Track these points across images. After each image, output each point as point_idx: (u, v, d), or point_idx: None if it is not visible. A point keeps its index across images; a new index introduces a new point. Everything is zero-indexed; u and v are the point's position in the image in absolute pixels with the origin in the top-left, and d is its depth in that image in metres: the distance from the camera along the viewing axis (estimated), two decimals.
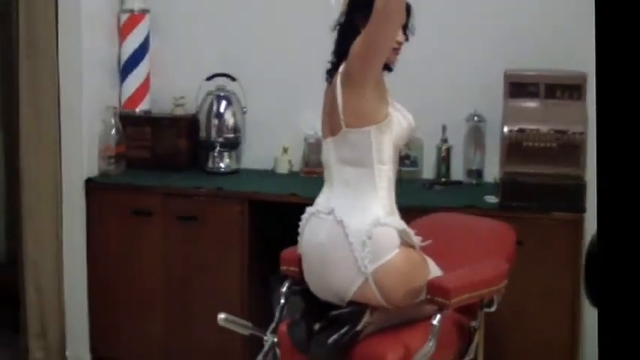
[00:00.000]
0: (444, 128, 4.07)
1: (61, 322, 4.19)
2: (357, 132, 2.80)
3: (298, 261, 3.01)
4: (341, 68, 2.84)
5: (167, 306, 4.07)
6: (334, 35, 2.93)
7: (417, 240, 2.83)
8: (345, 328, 2.72)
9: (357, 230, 2.75)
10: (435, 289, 2.74)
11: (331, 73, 2.93)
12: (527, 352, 3.71)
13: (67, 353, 4.25)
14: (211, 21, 4.44)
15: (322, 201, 2.92)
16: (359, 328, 2.74)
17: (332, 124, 2.88)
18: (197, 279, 4.00)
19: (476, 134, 4.07)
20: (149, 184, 4.10)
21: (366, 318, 2.75)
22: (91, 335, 4.24)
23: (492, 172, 3.94)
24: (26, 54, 3.96)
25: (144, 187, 4.10)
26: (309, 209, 2.95)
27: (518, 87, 3.75)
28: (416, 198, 3.77)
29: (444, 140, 4.07)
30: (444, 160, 4.08)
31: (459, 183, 4.05)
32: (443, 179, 4.05)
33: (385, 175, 2.84)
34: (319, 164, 3.22)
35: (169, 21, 4.48)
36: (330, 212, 2.83)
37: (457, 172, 4.11)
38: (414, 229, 2.87)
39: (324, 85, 2.96)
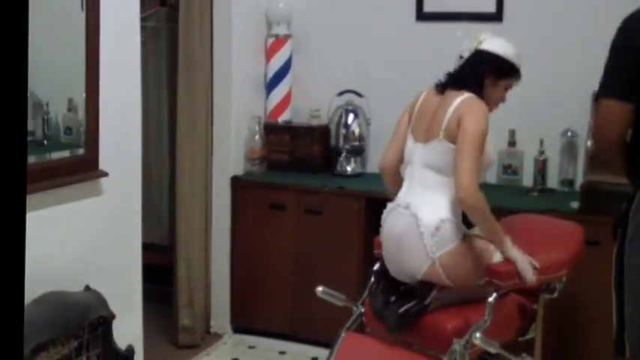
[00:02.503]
0: (541, 141, 4.42)
1: (207, 296, 4.78)
2: (449, 146, 3.11)
3: None
4: (452, 111, 3.12)
5: (295, 285, 4.59)
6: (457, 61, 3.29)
7: (476, 231, 3.19)
8: (415, 301, 3.12)
9: (428, 223, 3.10)
10: (491, 272, 3.11)
11: (444, 86, 3.26)
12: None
13: (212, 323, 4.87)
14: (343, 45, 5.00)
15: (401, 196, 3.27)
16: (427, 302, 3.12)
17: (427, 130, 3.21)
18: (320, 263, 4.51)
19: (570, 147, 4.41)
20: (284, 183, 4.68)
21: (433, 294, 3.13)
22: (232, 308, 4.85)
23: None
24: (185, 69, 4.53)
25: (279, 184, 4.68)
26: (390, 205, 3.31)
27: None
28: (511, 202, 4.14)
29: (541, 152, 4.42)
30: (540, 170, 4.43)
31: (552, 190, 4.39)
32: (538, 187, 4.40)
33: None
34: None
35: (308, 45, 5.07)
36: (407, 207, 3.18)
37: (552, 181, 4.46)
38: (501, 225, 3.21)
39: None
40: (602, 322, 3.92)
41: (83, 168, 3.41)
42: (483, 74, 3.26)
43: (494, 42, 3.32)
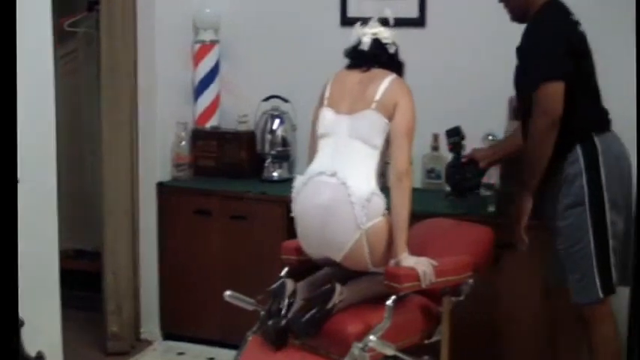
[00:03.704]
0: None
1: (135, 303, 4.79)
2: (381, 118, 3.22)
3: (295, 251, 3.46)
4: (384, 88, 3.25)
5: (223, 291, 4.48)
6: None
7: None
8: (316, 308, 3.10)
9: (359, 193, 3.12)
10: (389, 275, 3.11)
11: (367, 63, 3.38)
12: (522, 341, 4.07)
13: (141, 330, 4.88)
14: (270, 51, 5.03)
15: (323, 164, 3.27)
16: (329, 306, 3.11)
17: (353, 102, 3.29)
18: (247, 269, 4.52)
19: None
20: (209, 189, 4.70)
21: (334, 299, 3.12)
22: (161, 315, 4.86)
23: None
24: (108, 75, 4.54)
25: (205, 190, 4.70)
26: (303, 176, 3.34)
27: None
28: (432, 206, 4.18)
29: (463, 156, 4.23)
30: None
31: (476, 194, 4.31)
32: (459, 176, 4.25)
33: (383, 160, 3.28)
34: None
35: (236, 51, 5.08)
36: (333, 174, 3.19)
37: None
38: (411, 230, 3.26)
39: None
40: (518, 324, 4.03)
41: None
42: (401, 65, 3.47)
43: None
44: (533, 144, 3.39)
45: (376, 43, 3.44)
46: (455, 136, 4.06)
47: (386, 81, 3.29)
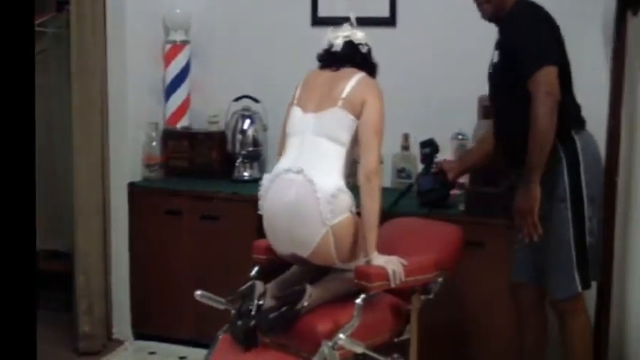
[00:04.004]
0: None
1: (106, 302, 4.79)
2: (348, 115, 3.24)
3: (266, 250, 3.48)
4: (351, 85, 3.27)
5: (194, 291, 4.62)
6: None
7: None
8: (286, 307, 3.12)
9: (325, 189, 3.14)
10: (359, 274, 3.13)
11: (337, 63, 3.42)
12: (487, 344, 4.11)
13: (113, 330, 4.88)
14: (241, 51, 5.06)
15: (289, 162, 3.29)
16: (298, 307, 3.12)
17: (320, 100, 3.32)
18: (217, 268, 4.52)
19: (461, 150, 4.42)
20: (179, 189, 4.71)
21: (304, 300, 3.13)
22: (133, 315, 4.87)
23: None
24: (78, 75, 4.55)
25: (175, 191, 4.71)
26: (270, 174, 3.37)
27: (488, 109, 4.05)
28: (402, 205, 4.16)
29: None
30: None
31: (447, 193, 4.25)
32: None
33: (349, 158, 3.29)
34: None
35: (207, 51, 5.10)
36: (299, 172, 3.20)
37: None
38: (381, 229, 3.27)
39: None
40: (487, 321, 4.06)
41: None
42: (374, 65, 3.49)
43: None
44: (541, 126, 3.30)
45: (348, 44, 3.47)
46: (428, 147, 4.07)
47: (354, 79, 3.31)
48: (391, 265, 3.17)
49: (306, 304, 3.15)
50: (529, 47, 3.40)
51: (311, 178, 3.19)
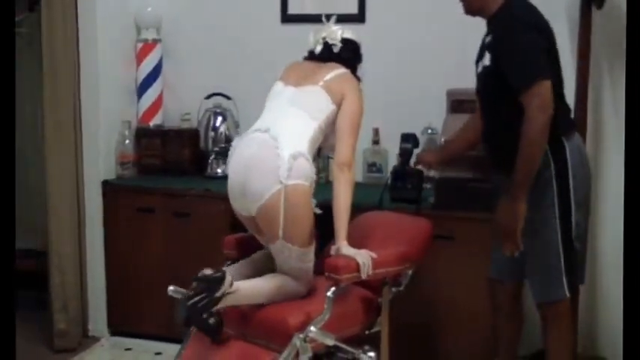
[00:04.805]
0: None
1: (82, 300, 4.82)
2: (327, 97, 3.34)
3: (236, 245, 3.56)
4: (334, 74, 3.40)
5: (168, 285, 4.63)
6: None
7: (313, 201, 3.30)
8: (204, 294, 3.07)
9: (286, 148, 3.17)
10: (329, 267, 3.16)
11: (324, 58, 3.53)
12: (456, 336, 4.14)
13: (89, 327, 4.92)
14: (211, 49, 5.10)
15: (259, 124, 3.35)
16: (218, 294, 3.07)
17: (303, 78, 3.42)
18: (190, 265, 4.39)
19: (430, 144, 4.47)
20: (152, 186, 4.74)
21: (224, 287, 3.08)
22: (108, 312, 4.90)
23: None
24: (49, 74, 4.58)
25: (148, 188, 4.74)
26: (237, 138, 3.48)
27: (457, 103, 4.18)
28: (372, 199, 4.10)
29: None
30: None
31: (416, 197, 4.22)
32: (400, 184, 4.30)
33: (319, 137, 3.34)
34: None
35: (178, 49, 5.14)
36: (266, 130, 3.25)
37: None
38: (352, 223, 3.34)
39: None
40: (456, 313, 4.10)
41: None
42: (356, 62, 3.62)
43: (352, 33, 3.64)
44: (533, 141, 3.26)
45: (326, 45, 3.58)
46: (408, 142, 4.05)
47: (338, 70, 3.45)
48: (360, 257, 3.21)
49: (226, 291, 3.10)
50: (521, 60, 3.31)
51: (276, 136, 3.23)
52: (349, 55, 3.59)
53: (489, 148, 3.67)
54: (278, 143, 3.20)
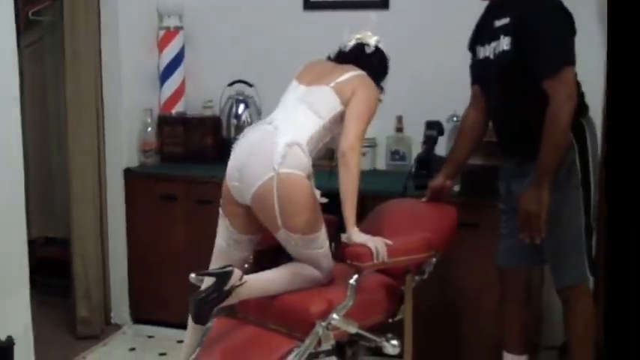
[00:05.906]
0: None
1: (104, 287, 4.85)
2: (335, 97, 3.31)
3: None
4: (349, 75, 3.37)
5: (190, 273, 4.65)
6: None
7: (317, 192, 3.35)
8: (212, 288, 3.08)
9: (285, 136, 3.18)
10: (350, 254, 3.13)
11: (343, 59, 3.53)
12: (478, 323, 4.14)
13: (112, 314, 4.95)
14: (233, 36, 5.09)
15: (267, 118, 3.38)
16: (226, 288, 3.07)
17: (316, 79, 3.40)
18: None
19: (455, 132, 4.23)
20: (174, 174, 4.74)
21: (232, 281, 3.08)
22: (130, 299, 4.93)
23: None
24: (72, 62, 4.58)
25: (170, 176, 4.75)
26: (247, 129, 3.45)
27: None
28: (396, 187, 4.12)
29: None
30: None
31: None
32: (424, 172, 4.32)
33: (322, 135, 3.31)
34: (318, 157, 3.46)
35: (200, 37, 5.14)
36: (270, 122, 3.30)
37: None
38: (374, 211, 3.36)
39: None
40: (480, 300, 4.08)
41: None
42: (381, 73, 3.58)
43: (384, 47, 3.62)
44: (561, 130, 3.23)
45: (358, 45, 3.57)
46: (434, 129, 4.07)
47: (353, 72, 3.40)
48: (372, 242, 3.18)
49: (235, 284, 3.11)
50: (550, 45, 3.25)
51: (278, 127, 3.26)
52: (377, 63, 3.57)
53: (499, 134, 3.66)
54: (277, 132, 3.23)
